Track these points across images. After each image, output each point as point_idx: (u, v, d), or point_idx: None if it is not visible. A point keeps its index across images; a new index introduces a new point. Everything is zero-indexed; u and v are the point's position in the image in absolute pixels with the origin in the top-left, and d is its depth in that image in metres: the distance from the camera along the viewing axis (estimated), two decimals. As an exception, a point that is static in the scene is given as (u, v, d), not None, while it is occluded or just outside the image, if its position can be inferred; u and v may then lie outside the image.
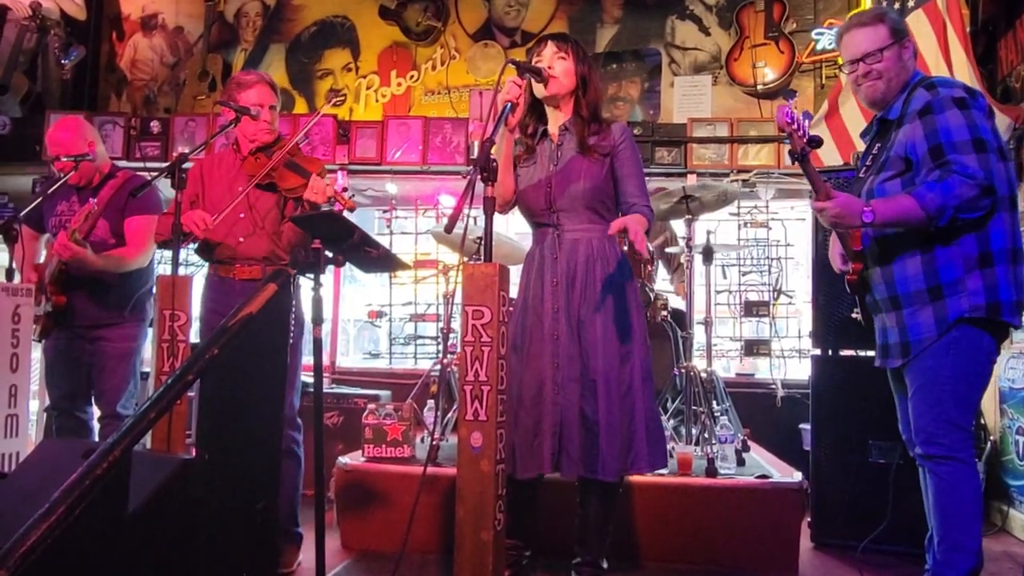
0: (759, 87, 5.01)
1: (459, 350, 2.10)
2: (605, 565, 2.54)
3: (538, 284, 2.49)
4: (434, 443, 3.15)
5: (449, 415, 3.54)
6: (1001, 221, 2.20)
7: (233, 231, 2.77)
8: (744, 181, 4.55)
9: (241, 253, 2.78)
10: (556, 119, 2.54)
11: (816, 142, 2.13)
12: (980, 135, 2.16)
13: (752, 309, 4.45)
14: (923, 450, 2.26)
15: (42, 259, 3.37)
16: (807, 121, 2.13)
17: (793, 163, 2.17)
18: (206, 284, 2.90)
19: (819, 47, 4.88)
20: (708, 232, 4.00)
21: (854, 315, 2.61)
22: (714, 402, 3.51)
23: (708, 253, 3.75)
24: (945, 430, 2.20)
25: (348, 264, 2.45)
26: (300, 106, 5.66)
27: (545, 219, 2.51)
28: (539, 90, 2.48)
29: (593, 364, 2.40)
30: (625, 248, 2.41)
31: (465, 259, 3.61)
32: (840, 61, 4.64)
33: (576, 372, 2.40)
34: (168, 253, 2.52)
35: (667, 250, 4.35)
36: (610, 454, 2.36)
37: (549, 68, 2.45)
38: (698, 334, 3.89)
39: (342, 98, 5.43)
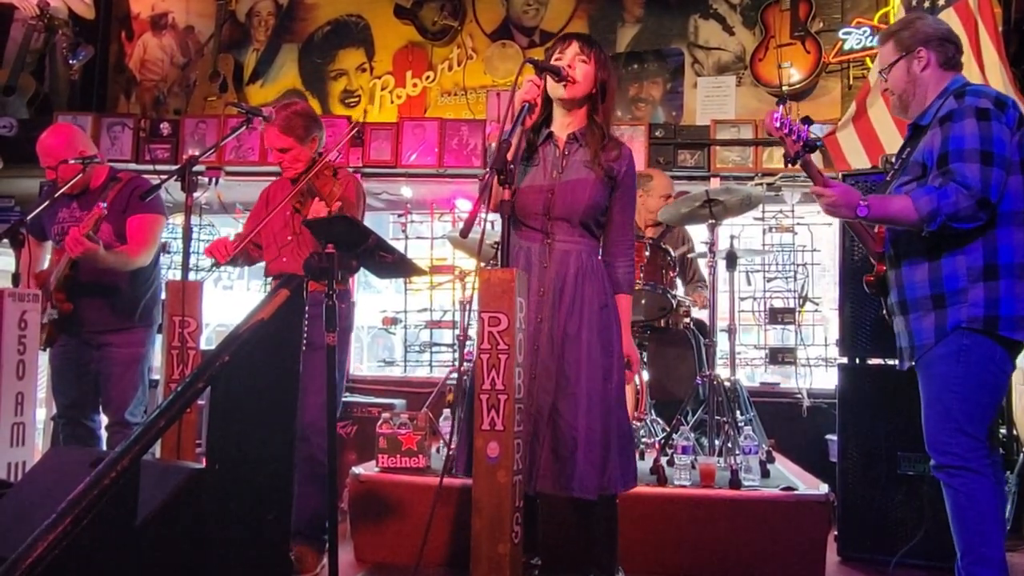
0: (785, 88, 4.92)
1: (475, 358, 2.05)
2: (620, 579, 2.49)
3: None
4: (450, 453, 3.08)
5: (465, 424, 3.50)
6: (1011, 235, 2.22)
7: (281, 252, 2.94)
8: (769, 184, 4.52)
9: (285, 271, 2.81)
10: (564, 123, 2.45)
11: (811, 146, 2.14)
12: (990, 148, 2.16)
13: (777, 316, 4.41)
14: (936, 461, 2.27)
15: (45, 265, 3.34)
16: (807, 126, 2.11)
17: (788, 165, 2.20)
18: None
19: (846, 47, 4.78)
20: (732, 237, 3.97)
21: (884, 314, 2.61)
22: (738, 412, 3.46)
23: (732, 258, 3.71)
24: (956, 439, 2.20)
25: (362, 269, 2.44)
26: (313, 108, 5.62)
27: (537, 224, 2.41)
28: (554, 90, 2.39)
29: (576, 380, 2.32)
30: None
31: (482, 264, 3.57)
32: (868, 62, 4.65)
33: (551, 385, 2.33)
34: (176, 258, 2.52)
35: (687, 255, 4.28)
36: (588, 472, 2.28)
37: (570, 68, 2.37)
38: (721, 342, 3.84)
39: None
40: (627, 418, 2.44)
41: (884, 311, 2.57)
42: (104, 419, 3.29)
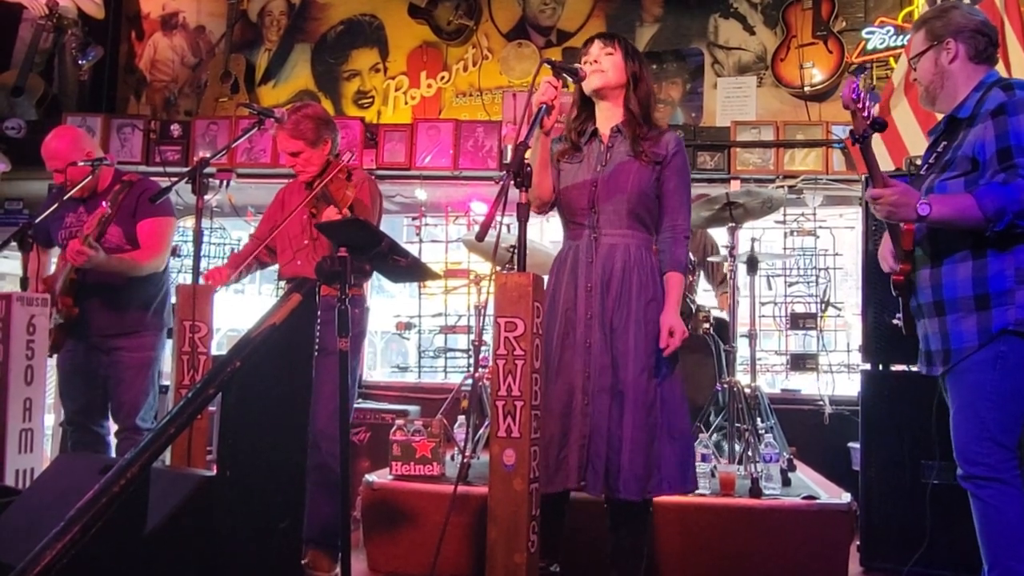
0: (806, 89, 4.86)
1: (491, 364, 2.04)
2: (642, 589, 2.45)
3: (570, 289, 2.40)
4: (465, 461, 3.10)
5: (481, 431, 3.50)
6: None
7: (296, 255, 2.92)
8: (790, 187, 4.47)
9: (300, 275, 2.79)
10: (606, 118, 2.46)
11: (880, 125, 2.07)
12: None
13: (799, 321, 4.35)
14: (965, 470, 2.19)
15: (52, 269, 3.31)
16: (873, 103, 2.04)
17: (853, 145, 2.11)
18: None
19: (870, 46, 4.72)
20: (752, 240, 3.92)
21: (895, 321, 2.55)
22: (758, 419, 3.44)
23: (752, 262, 3.69)
24: (988, 449, 2.14)
25: (376, 273, 2.44)
26: (326, 109, 5.61)
27: (584, 220, 2.42)
28: (587, 85, 2.41)
29: (623, 375, 2.31)
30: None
31: (497, 268, 3.55)
32: (892, 62, 4.59)
33: (607, 383, 2.32)
34: (187, 262, 2.52)
35: (709, 259, 4.25)
36: (632, 472, 2.27)
37: (596, 63, 2.37)
38: (742, 347, 3.81)
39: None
40: (682, 415, 2.39)
41: (898, 316, 2.49)
42: (113, 425, 3.27)
